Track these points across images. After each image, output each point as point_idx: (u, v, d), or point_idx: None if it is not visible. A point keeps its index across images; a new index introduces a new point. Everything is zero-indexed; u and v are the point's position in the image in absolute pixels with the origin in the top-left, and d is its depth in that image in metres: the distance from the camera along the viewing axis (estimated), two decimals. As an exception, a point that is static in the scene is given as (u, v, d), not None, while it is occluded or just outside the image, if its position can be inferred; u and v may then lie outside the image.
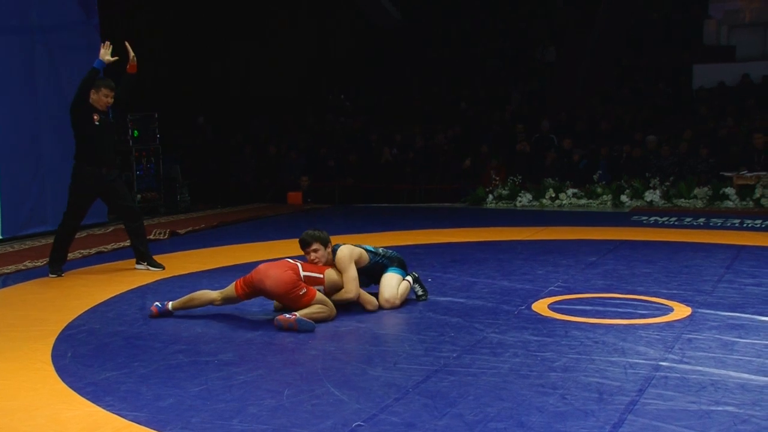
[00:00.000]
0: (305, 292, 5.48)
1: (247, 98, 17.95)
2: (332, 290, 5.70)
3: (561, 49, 18.70)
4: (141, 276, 7.38)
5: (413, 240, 9.34)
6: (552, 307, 5.85)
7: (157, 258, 7.88)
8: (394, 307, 5.88)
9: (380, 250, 6.17)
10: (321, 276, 5.63)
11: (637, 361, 4.49)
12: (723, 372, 4.26)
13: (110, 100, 7.30)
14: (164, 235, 10.05)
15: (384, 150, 15.12)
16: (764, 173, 12.02)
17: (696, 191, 12.19)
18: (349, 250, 5.83)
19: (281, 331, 5.28)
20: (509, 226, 10.50)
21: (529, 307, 5.86)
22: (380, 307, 5.87)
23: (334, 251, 5.82)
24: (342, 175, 14.93)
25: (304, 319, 5.30)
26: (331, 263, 5.81)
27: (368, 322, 5.54)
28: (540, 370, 4.37)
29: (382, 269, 6.05)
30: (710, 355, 4.58)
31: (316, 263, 5.73)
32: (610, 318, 5.49)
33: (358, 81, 19.42)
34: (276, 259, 5.85)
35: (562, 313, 5.64)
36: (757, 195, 11.75)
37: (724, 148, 13.22)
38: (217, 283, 7.00)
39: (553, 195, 13.08)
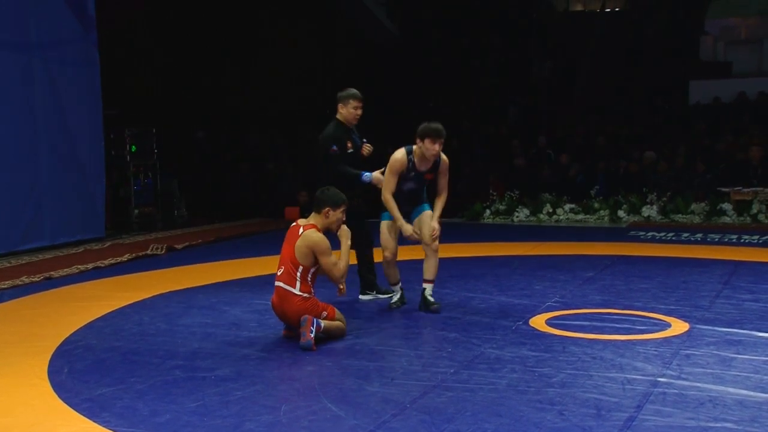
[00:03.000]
0: (327, 315, 5.45)
1: (245, 113, 17.98)
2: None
3: (557, 64, 18.78)
4: (138, 291, 7.36)
5: (409, 255, 9.31)
6: (549, 322, 5.85)
7: (154, 273, 7.87)
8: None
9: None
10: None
11: (635, 377, 4.48)
12: (721, 388, 4.25)
13: (359, 112, 6.84)
14: (161, 250, 10.04)
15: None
16: (761, 189, 12.04)
17: (693, 206, 12.20)
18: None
19: (306, 350, 5.18)
20: (506, 241, 10.50)
21: (526, 323, 5.85)
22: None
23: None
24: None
25: (323, 323, 5.33)
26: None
27: (365, 338, 5.53)
28: (538, 386, 4.36)
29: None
30: (708, 371, 4.57)
31: (434, 155, 6.01)
32: (608, 333, 5.48)
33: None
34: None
35: (560, 329, 5.63)
36: (755, 210, 11.76)
37: (721, 164, 13.24)
38: (215, 298, 7.01)
39: (551, 210, 13.08)
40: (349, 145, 6.71)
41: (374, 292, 6.96)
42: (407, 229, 6.27)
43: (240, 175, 15.60)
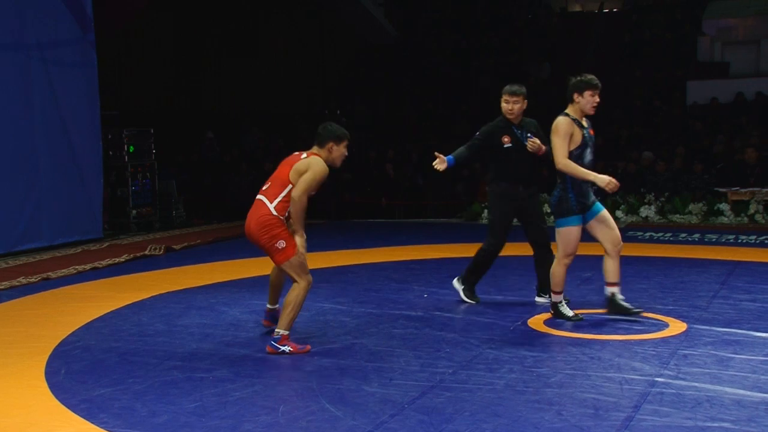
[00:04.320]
0: (284, 246, 5.19)
1: (243, 113, 17.98)
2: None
3: (556, 65, 18.78)
4: (136, 292, 7.36)
5: (409, 255, 9.34)
6: (548, 322, 5.85)
7: (152, 274, 7.86)
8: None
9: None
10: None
11: (632, 377, 4.49)
12: (719, 388, 4.25)
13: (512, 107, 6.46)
14: (160, 250, 10.03)
15: (386, 166, 15.15)
16: (758, 189, 12.05)
17: (691, 207, 12.20)
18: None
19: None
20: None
21: (525, 323, 5.85)
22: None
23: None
24: (337, 190, 14.94)
25: (293, 352, 5.15)
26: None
27: (363, 338, 5.53)
28: (536, 386, 4.37)
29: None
30: (706, 371, 4.57)
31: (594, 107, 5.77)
32: (606, 334, 5.49)
33: (354, 97, 19.47)
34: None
35: (558, 329, 5.64)
36: (752, 211, 11.77)
37: (719, 164, 13.26)
38: (213, 299, 7.00)
39: (548, 210, 13.07)
40: (506, 139, 6.42)
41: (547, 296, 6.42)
42: (603, 179, 5.63)
43: (239, 174, 15.60)
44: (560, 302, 5.94)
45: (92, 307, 6.74)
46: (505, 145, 6.40)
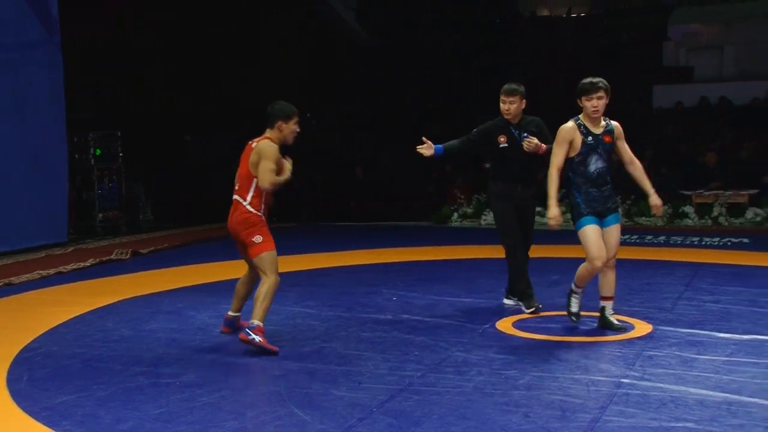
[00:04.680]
0: (261, 241, 5.37)
1: (214, 116, 17.85)
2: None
3: (529, 69, 18.92)
4: (102, 297, 7.26)
5: (378, 259, 9.34)
6: (516, 325, 5.88)
7: (119, 278, 7.78)
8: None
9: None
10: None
11: (599, 378, 4.53)
12: (683, 388, 4.30)
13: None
14: (126, 255, 9.92)
15: (356, 168, 15.14)
16: (722, 192, 12.23)
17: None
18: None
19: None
20: (474, 244, 10.54)
21: (493, 326, 5.88)
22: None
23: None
24: (309, 193, 14.89)
25: (262, 344, 5.18)
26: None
27: (333, 342, 5.52)
28: (504, 388, 4.39)
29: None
30: (670, 371, 4.62)
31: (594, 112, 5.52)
32: (573, 336, 5.53)
33: (326, 100, 19.44)
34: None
35: (526, 331, 5.67)
36: (715, 213, 11.95)
37: (683, 167, 13.44)
38: (181, 303, 6.94)
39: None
40: (502, 139, 6.33)
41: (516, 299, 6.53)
42: (554, 212, 5.61)
43: (210, 179, 15.50)
44: (574, 293, 5.80)
45: (56, 312, 6.64)
46: (501, 145, 6.33)
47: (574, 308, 5.82)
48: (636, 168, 5.77)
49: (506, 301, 6.62)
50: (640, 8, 19.66)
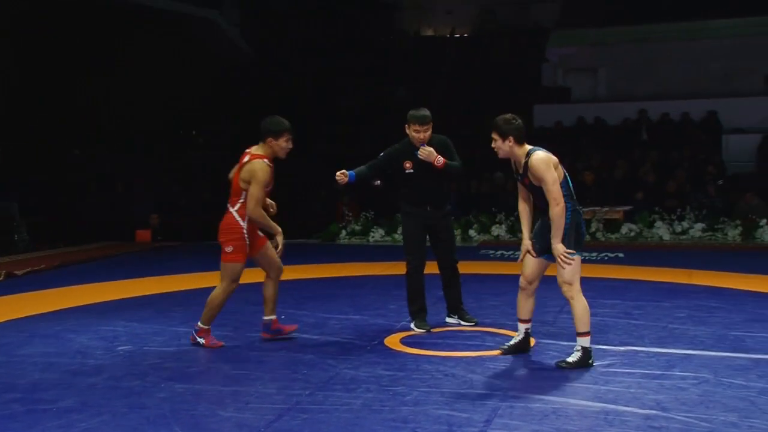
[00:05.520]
0: (230, 251, 5.71)
1: (96, 132, 17.30)
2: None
3: (412, 88, 19.25)
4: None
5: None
6: (404, 341, 5.94)
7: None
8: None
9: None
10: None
11: (485, 392, 4.63)
12: (563, 399, 4.46)
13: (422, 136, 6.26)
14: (-1, 276, 9.45)
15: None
16: (599, 208, 12.78)
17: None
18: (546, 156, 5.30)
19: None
20: (362, 261, 10.60)
21: (381, 342, 5.92)
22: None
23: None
24: (194, 212, 14.63)
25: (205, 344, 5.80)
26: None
27: (219, 362, 5.43)
28: (392, 404, 4.42)
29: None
30: (552, 383, 4.78)
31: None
32: (460, 350, 5.64)
33: (213, 117, 19.17)
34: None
35: (414, 347, 5.74)
36: (593, 229, 12.46)
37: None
38: (59, 326, 6.66)
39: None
40: (408, 165, 6.31)
41: (456, 317, 6.52)
42: (527, 244, 5.58)
43: (89, 197, 15.01)
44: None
45: None
46: (407, 171, 6.32)
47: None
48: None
49: (448, 319, 6.57)
50: (520, 30, 20.39)
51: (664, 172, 14.25)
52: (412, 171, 6.32)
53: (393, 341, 5.94)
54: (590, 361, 5.08)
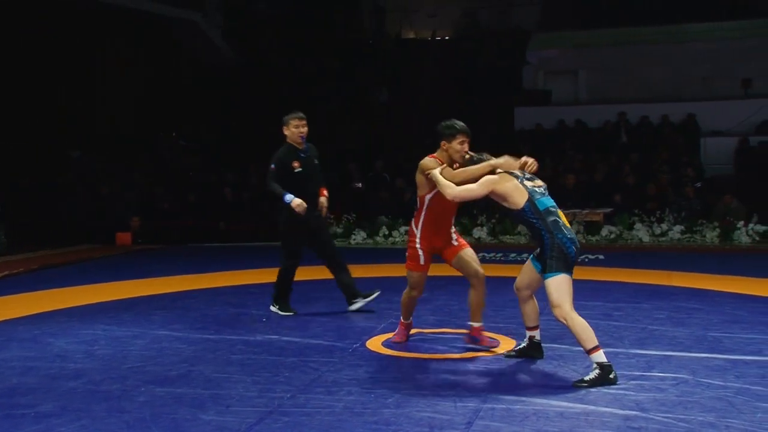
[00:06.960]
0: (407, 259, 5.94)
1: (77, 134, 17.16)
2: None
3: (394, 90, 19.27)
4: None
5: (248, 279, 9.23)
6: (386, 343, 5.95)
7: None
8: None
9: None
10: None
11: (466, 394, 4.65)
12: (544, 401, 4.48)
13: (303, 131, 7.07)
14: (-23, 279, 9.36)
15: (224, 190, 14.93)
16: (579, 210, 12.85)
17: (519, 228, 12.82)
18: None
19: None
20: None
21: (363, 345, 5.93)
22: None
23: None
24: (177, 215, 14.55)
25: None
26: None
27: (200, 365, 5.40)
28: (374, 407, 4.43)
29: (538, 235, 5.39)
30: (533, 385, 4.81)
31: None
32: (441, 353, 5.65)
33: (194, 120, 19.08)
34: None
35: (396, 350, 5.75)
36: (573, 231, 12.53)
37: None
38: (38, 329, 6.61)
39: (387, 233, 13.36)
40: (296, 164, 6.92)
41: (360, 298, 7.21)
42: None
43: (71, 198, 14.88)
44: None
45: None
46: (296, 170, 6.89)
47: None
48: None
49: (352, 307, 7.13)
50: (501, 33, 20.45)
51: (643, 175, 14.36)
52: (300, 170, 6.94)
53: (375, 344, 5.94)
54: (611, 376, 4.77)
